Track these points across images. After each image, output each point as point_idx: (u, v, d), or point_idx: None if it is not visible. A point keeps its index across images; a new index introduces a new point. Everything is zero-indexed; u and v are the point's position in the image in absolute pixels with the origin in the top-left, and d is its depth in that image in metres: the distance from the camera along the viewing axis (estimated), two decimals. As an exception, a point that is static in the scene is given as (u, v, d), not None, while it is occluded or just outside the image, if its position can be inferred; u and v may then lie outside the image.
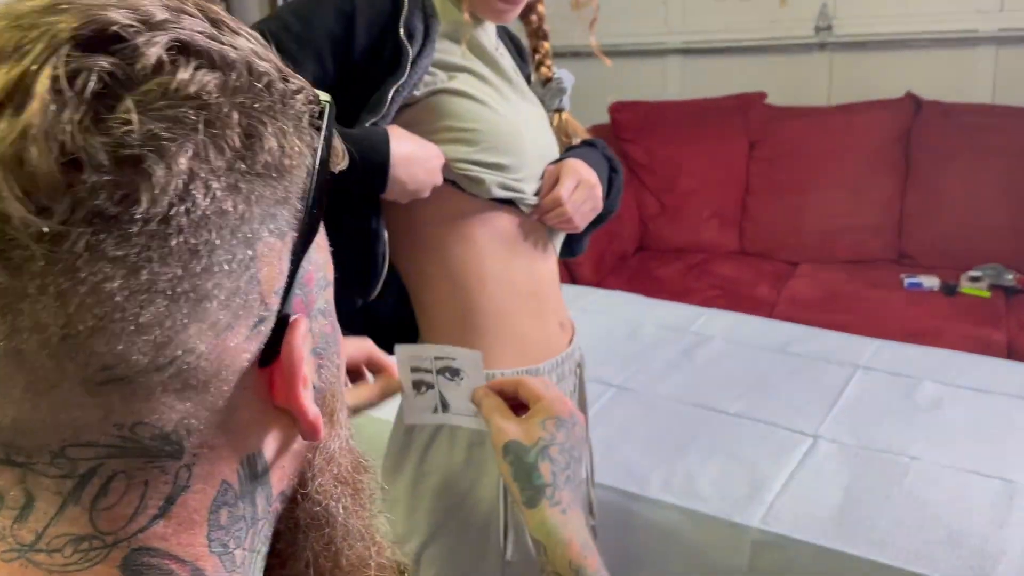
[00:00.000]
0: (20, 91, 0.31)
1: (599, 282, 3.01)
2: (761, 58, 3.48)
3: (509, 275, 1.10)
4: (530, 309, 1.13)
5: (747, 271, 3.09)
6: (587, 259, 3.01)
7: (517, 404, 0.80)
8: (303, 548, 0.46)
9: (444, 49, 1.04)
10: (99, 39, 0.33)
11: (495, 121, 1.04)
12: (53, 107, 0.31)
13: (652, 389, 1.93)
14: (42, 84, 0.31)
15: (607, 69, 3.62)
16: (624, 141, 3.42)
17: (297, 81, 0.39)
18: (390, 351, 1.23)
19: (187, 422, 0.36)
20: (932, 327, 2.56)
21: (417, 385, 0.93)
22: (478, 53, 1.08)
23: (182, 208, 0.33)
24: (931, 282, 2.80)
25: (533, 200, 1.09)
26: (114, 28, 0.33)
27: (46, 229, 0.31)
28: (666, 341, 2.17)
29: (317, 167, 0.40)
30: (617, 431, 1.75)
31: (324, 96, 0.41)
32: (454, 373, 0.88)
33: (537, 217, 1.11)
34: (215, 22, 0.37)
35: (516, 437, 0.75)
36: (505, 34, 1.23)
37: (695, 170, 3.33)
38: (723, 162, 3.30)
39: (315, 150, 0.40)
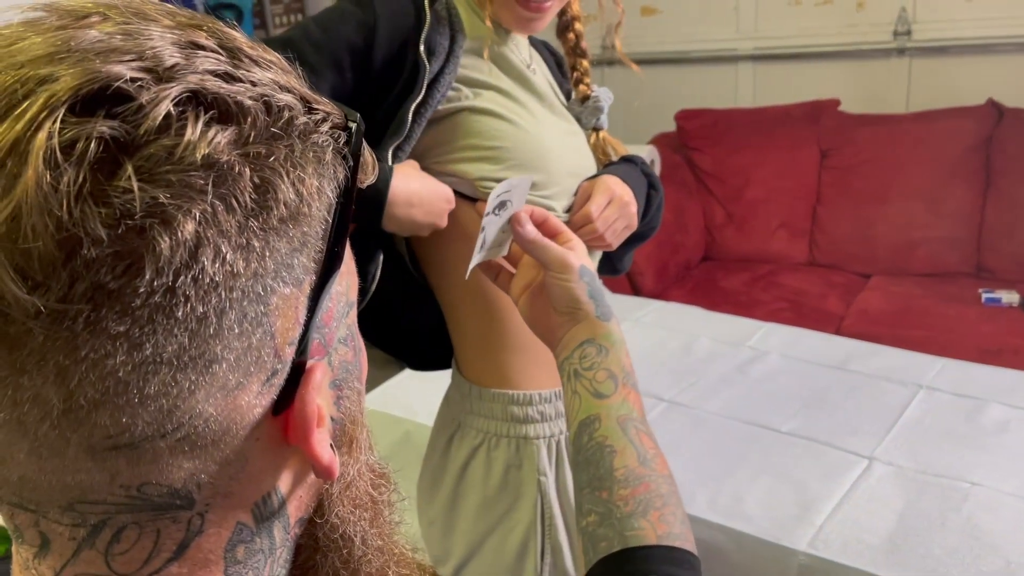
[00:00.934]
0: (14, 158, 0.29)
1: (662, 292, 2.98)
2: (836, 64, 3.39)
3: None
4: None
5: (816, 283, 3.01)
6: (650, 268, 2.97)
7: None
8: (323, 565, 0.46)
9: (470, 65, 1.03)
10: (101, 97, 0.30)
11: (521, 138, 1.03)
12: (48, 178, 0.29)
13: (703, 405, 1.89)
14: (36, 153, 0.29)
15: (677, 77, 3.58)
16: (691, 149, 3.38)
17: (322, 108, 0.37)
18: (430, 366, 1.23)
19: (197, 477, 0.36)
20: (1011, 345, 2.45)
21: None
22: (505, 68, 1.07)
23: (188, 277, 0.31)
24: (1011, 297, 2.67)
25: (563, 217, 1.08)
26: (117, 84, 0.31)
27: (43, 308, 0.29)
28: (721, 356, 2.12)
29: (341, 201, 0.38)
30: (664, 447, 1.69)
31: (353, 116, 0.39)
32: (501, 206, 0.83)
33: None
34: (232, 53, 0.34)
35: (583, 262, 0.80)
36: (546, 49, 1.22)
37: (764, 179, 3.26)
38: (793, 171, 3.22)
39: (339, 182, 0.38)
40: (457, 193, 1.03)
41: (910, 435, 1.73)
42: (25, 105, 0.30)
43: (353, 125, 0.38)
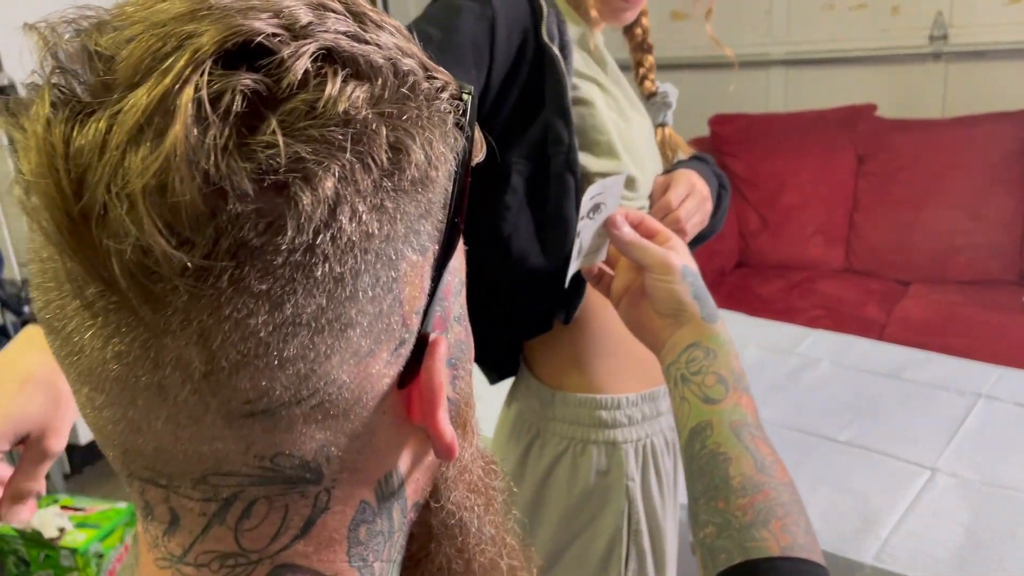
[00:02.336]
0: (161, 113, 0.29)
1: (697, 299, 2.93)
2: (871, 69, 3.35)
3: None
4: None
5: (854, 290, 2.97)
6: (685, 275, 2.93)
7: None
8: (436, 553, 0.45)
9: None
10: (243, 52, 0.30)
11: (623, 131, 1.01)
12: (196, 132, 0.29)
13: (755, 413, 1.86)
14: (184, 106, 0.29)
15: (707, 81, 3.54)
16: (725, 154, 3.34)
17: (441, 76, 0.36)
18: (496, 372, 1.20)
19: (327, 450, 0.35)
20: (1058, 354, 2.40)
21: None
22: (598, 60, 1.04)
23: (327, 235, 0.31)
24: (1057, 305, 2.63)
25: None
26: (259, 39, 0.30)
27: (189, 264, 0.29)
28: (770, 363, 2.09)
29: (459, 172, 0.37)
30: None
31: (467, 88, 0.38)
32: (595, 209, 0.81)
33: None
34: (358, 16, 0.34)
35: (685, 262, 0.78)
36: None
37: (799, 185, 3.22)
38: (829, 177, 3.18)
39: (457, 153, 0.37)
40: None
41: (972, 445, 1.69)
42: (171, 60, 0.29)
43: (467, 97, 0.38)
